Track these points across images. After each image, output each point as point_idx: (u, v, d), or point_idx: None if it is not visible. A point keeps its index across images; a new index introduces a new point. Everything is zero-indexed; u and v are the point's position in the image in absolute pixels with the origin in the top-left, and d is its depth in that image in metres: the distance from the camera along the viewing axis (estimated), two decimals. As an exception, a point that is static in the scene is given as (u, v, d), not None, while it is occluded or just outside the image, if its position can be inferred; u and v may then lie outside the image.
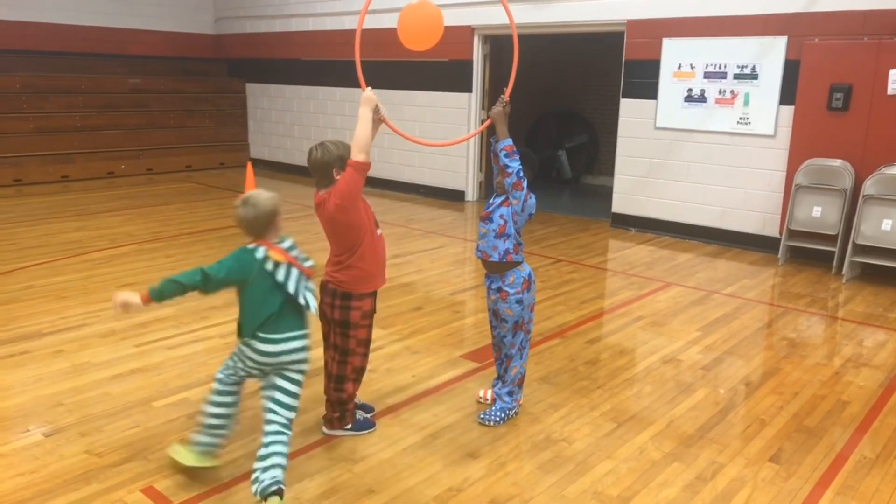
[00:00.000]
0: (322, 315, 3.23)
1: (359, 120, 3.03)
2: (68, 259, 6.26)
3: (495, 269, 3.36)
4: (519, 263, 3.34)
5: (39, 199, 9.08)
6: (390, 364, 4.16)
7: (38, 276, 5.75)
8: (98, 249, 6.61)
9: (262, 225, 2.77)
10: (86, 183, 10.25)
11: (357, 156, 2.99)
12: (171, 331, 4.61)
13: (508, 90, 3.36)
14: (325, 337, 3.28)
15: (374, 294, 3.22)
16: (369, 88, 3.10)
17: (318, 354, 3.99)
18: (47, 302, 5.12)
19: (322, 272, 3.22)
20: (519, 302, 3.34)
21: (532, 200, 3.26)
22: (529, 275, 3.39)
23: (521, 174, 3.19)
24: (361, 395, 3.56)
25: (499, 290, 3.36)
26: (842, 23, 6.36)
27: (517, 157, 3.19)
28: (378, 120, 3.13)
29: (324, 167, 3.04)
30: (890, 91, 6.10)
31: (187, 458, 2.92)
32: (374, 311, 3.25)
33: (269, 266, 2.73)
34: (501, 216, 3.28)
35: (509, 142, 3.19)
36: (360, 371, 3.28)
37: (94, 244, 6.81)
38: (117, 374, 3.93)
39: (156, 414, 3.49)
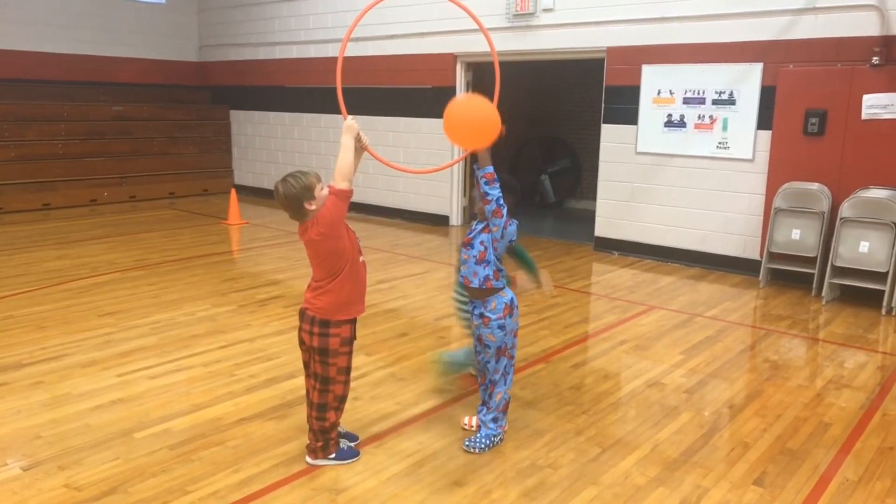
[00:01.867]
0: (301, 342, 3.23)
1: (341, 148, 3.06)
2: (49, 288, 6.20)
3: (477, 295, 3.37)
4: (500, 289, 3.36)
5: (20, 228, 8.99)
6: (375, 391, 4.14)
7: (17, 305, 5.69)
8: (79, 278, 6.55)
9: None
10: (67, 211, 10.19)
11: (340, 183, 3.01)
12: (153, 360, 4.56)
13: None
14: (306, 365, 3.27)
15: (353, 321, 3.21)
16: (351, 117, 3.13)
17: (299, 383, 3.98)
18: (27, 332, 5.06)
19: (304, 298, 3.22)
20: (501, 327, 3.35)
21: (512, 227, 3.29)
22: (512, 300, 3.40)
23: (501, 202, 3.22)
24: (345, 424, 3.54)
25: (481, 315, 3.37)
26: (816, 50, 6.51)
27: (497, 185, 3.22)
28: (360, 148, 3.16)
29: (291, 201, 3.02)
30: (864, 116, 6.23)
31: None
32: (353, 338, 3.24)
33: None
34: (482, 242, 3.30)
35: (489, 169, 3.23)
36: (342, 399, 3.26)
37: (76, 273, 6.75)
38: (98, 405, 3.88)
39: (137, 446, 3.44)
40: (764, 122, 6.85)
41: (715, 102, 7.14)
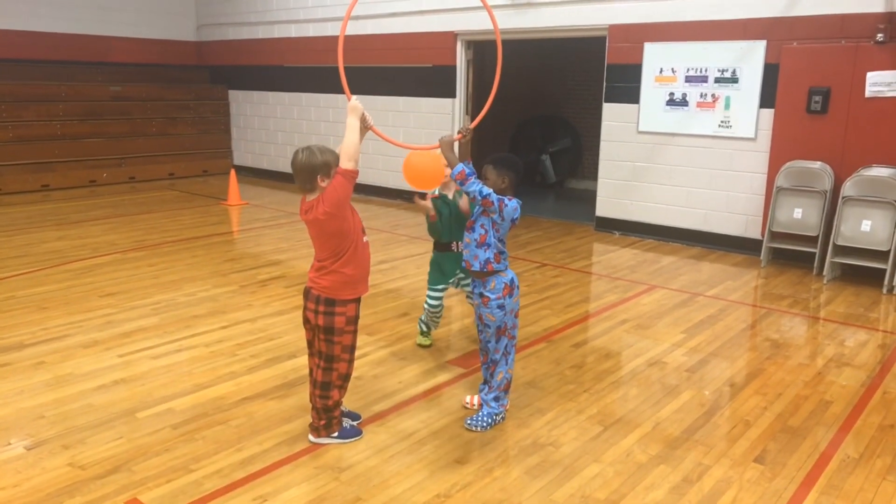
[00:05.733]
0: (305, 321, 3.22)
1: (347, 129, 3.05)
2: (49, 269, 6.19)
3: (478, 276, 3.37)
4: (501, 271, 3.35)
5: (19, 209, 8.97)
6: (377, 370, 4.15)
7: (18, 286, 5.68)
8: (80, 259, 6.55)
9: None
10: (67, 192, 10.16)
11: (346, 164, 3.00)
12: (154, 340, 4.57)
13: (476, 121, 3.36)
14: (310, 343, 3.27)
15: (357, 300, 3.21)
16: (355, 97, 3.12)
17: (300, 363, 3.99)
18: (28, 313, 5.06)
19: (306, 278, 3.22)
20: (501, 307, 3.34)
21: (513, 204, 3.26)
22: (512, 280, 3.40)
23: (485, 192, 3.19)
24: (348, 403, 3.55)
25: (481, 295, 3.36)
26: (820, 27, 6.44)
27: (472, 180, 3.18)
28: (365, 128, 3.15)
29: (307, 171, 3.03)
30: (868, 94, 6.18)
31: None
32: (358, 317, 3.24)
33: None
34: (482, 226, 3.29)
35: (458, 169, 3.19)
36: (346, 378, 3.27)
37: (76, 254, 6.74)
38: (100, 385, 3.89)
39: (139, 425, 3.45)
40: (767, 100, 6.80)
41: (717, 81, 7.08)
